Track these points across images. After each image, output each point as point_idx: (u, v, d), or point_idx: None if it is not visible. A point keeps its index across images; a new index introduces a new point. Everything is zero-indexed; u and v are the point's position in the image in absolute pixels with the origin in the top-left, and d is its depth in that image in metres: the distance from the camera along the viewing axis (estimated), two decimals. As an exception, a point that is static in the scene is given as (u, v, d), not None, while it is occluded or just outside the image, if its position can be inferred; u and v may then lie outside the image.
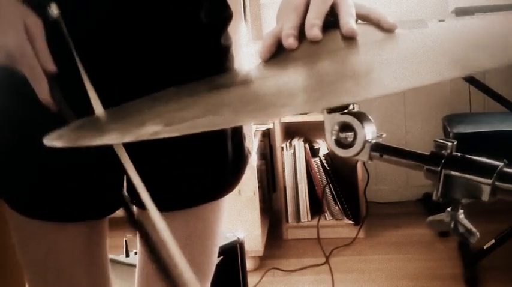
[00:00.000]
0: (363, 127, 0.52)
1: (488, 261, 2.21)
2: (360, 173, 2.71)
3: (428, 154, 0.50)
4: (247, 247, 1.85)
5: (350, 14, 0.57)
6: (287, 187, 2.70)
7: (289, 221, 2.72)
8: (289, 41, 0.56)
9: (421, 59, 0.42)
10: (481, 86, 2.45)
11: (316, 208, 2.73)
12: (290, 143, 2.71)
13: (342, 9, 0.58)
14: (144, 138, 0.37)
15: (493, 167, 0.46)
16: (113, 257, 1.49)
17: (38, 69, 0.61)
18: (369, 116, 0.52)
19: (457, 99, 2.93)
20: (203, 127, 0.38)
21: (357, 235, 2.66)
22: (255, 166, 2.43)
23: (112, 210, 0.85)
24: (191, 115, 0.42)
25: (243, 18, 2.39)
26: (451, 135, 2.33)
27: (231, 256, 1.65)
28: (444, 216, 0.49)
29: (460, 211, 0.48)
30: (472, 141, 2.26)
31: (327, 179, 2.68)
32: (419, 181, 3.02)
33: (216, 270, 0.95)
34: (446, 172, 0.48)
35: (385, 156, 0.52)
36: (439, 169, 0.48)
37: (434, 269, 2.32)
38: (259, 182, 2.56)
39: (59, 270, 0.84)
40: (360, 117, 0.52)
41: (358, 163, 2.67)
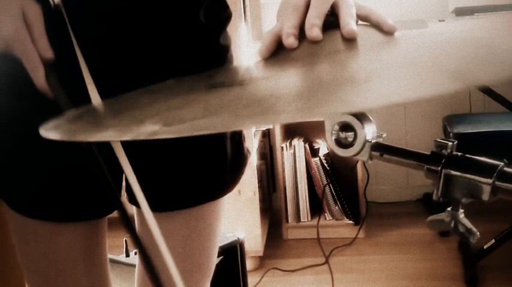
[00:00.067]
0: (363, 127, 0.52)
1: (488, 261, 2.21)
2: (360, 173, 2.71)
3: (429, 153, 0.50)
4: (247, 247, 1.85)
5: (351, 14, 0.57)
6: (287, 187, 2.70)
7: (289, 221, 2.72)
8: (290, 40, 0.56)
9: (422, 69, 0.42)
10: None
11: (316, 208, 2.73)
12: (290, 143, 2.71)
13: (343, 9, 0.58)
14: (142, 138, 0.37)
15: (493, 167, 0.46)
16: (112, 257, 1.49)
17: (34, 56, 0.61)
18: (369, 115, 0.52)
19: (457, 99, 2.93)
20: (202, 130, 0.38)
21: (357, 235, 2.66)
22: (255, 166, 2.43)
23: (111, 210, 0.85)
24: (190, 115, 0.41)
25: (243, 18, 2.38)
26: (451, 135, 2.33)
27: (231, 256, 1.65)
28: (444, 216, 0.49)
29: (460, 210, 0.48)
30: (472, 141, 2.26)
31: (327, 179, 2.68)
32: (419, 181, 3.02)
33: (216, 270, 0.95)
34: (447, 172, 0.48)
35: (385, 156, 0.52)
36: (439, 168, 0.48)
37: (434, 269, 2.32)
38: (259, 182, 2.56)
39: (58, 270, 0.84)
40: (360, 117, 0.52)
41: (358, 163, 2.67)
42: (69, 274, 0.84)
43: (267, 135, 2.95)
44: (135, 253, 1.50)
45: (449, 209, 0.49)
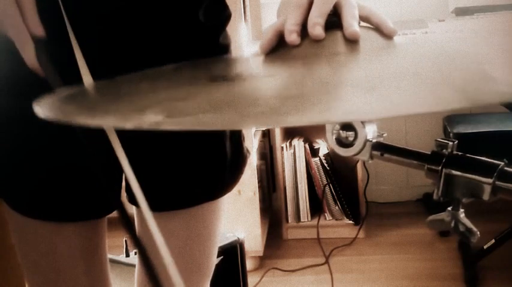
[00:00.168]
0: (363, 126, 0.52)
1: (488, 261, 2.21)
2: (360, 173, 2.71)
3: (429, 153, 0.50)
4: (247, 247, 1.85)
5: (353, 15, 0.57)
6: (287, 187, 2.70)
7: (289, 221, 2.72)
8: (292, 37, 0.56)
9: (427, 82, 0.41)
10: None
11: (316, 208, 2.73)
12: (290, 143, 2.70)
13: (346, 10, 0.57)
14: (144, 127, 0.36)
15: (494, 167, 0.46)
16: (112, 257, 1.49)
17: (24, 33, 0.60)
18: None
19: (457, 99, 2.93)
20: (207, 125, 0.37)
21: (357, 235, 2.66)
22: (255, 166, 2.43)
23: (111, 210, 0.85)
24: (194, 109, 0.40)
25: (243, 18, 2.38)
26: (451, 135, 2.33)
27: (231, 256, 1.65)
28: (445, 215, 0.49)
29: (461, 210, 0.48)
30: (472, 141, 2.26)
31: (327, 179, 2.68)
32: (419, 181, 3.02)
33: (216, 270, 0.95)
34: (447, 171, 0.48)
35: (386, 155, 0.52)
36: (439, 168, 0.48)
37: (434, 269, 2.32)
38: (259, 182, 2.56)
39: (58, 270, 0.84)
40: (361, 116, 0.52)
41: (358, 162, 2.67)
42: (69, 274, 0.84)
43: (267, 135, 2.95)
44: (135, 253, 1.50)
45: (450, 208, 0.49)
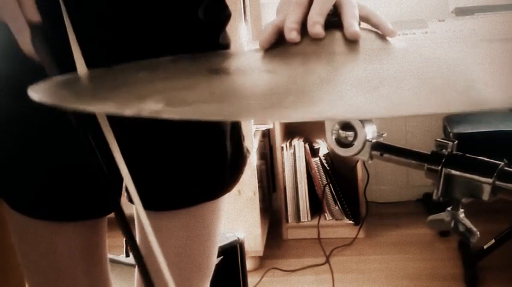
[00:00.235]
0: (363, 126, 0.52)
1: (488, 261, 2.21)
2: (360, 173, 2.70)
3: (429, 153, 0.50)
4: (247, 247, 1.85)
5: (354, 15, 0.57)
6: (287, 187, 2.70)
7: (289, 221, 2.72)
8: (292, 35, 0.56)
9: (425, 84, 0.41)
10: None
11: (316, 208, 2.73)
12: (290, 143, 2.70)
13: (346, 10, 0.57)
14: (144, 115, 0.36)
15: (494, 167, 0.46)
16: (112, 257, 1.49)
17: (20, 19, 0.60)
18: (369, 115, 0.52)
19: (457, 99, 2.93)
20: (209, 115, 0.37)
21: (357, 235, 2.66)
22: (255, 166, 2.43)
23: (110, 209, 0.85)
24: (195, 99, 0.40)
25: (243, 18, 2.38)
26: (451, 135, 2.33)
27: (231, 256, 1.65)
28: (444, 215, 0.49)
29: (461, 210, 0.48)
30: (472, 141, 2.26)
31: (327, 179, 2.68)
32: (419, 181, 3.02)
33: (216, 270, 0.95)
34: (447, 171, 0.48)
35: (385, 155, 0.52)
36: (439, 168, 0.48)
37: (434, 269, 2.32)
38: (259, 182, 2.56)
39: (58, 270, 0.84)
40: (360, 116, 0.52)
41: (358, 162, 2.67)
42: (69, 273, 0.85)
43: (267, 136, 2.95)
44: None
45: (450, 208, 0.49)
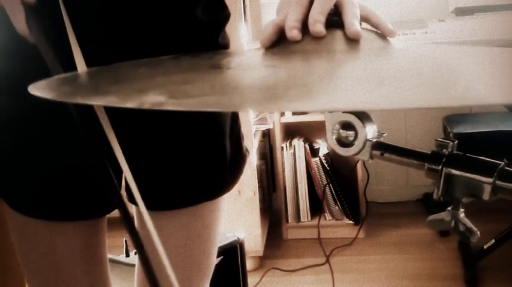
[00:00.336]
0: (364, 126, 0.52)
1: (488, 261, 2.21)
2: (360, 173, 2.71)
3: (430, 153, 0.50)
4: (247, 247, 1.85)
5: (355, 15, 0.57)
6: (287, 187, 2.70)
7: (289, 221, 2.72)
8: (293, 33, 0.56)
9: (425, 83, 0.41)
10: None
11: (316, 208, 2.73)
12: (290, 143, 2.70)
13: (347, 9, 0.57)
14: (146, 107, 0.36)
15: (494, 166, 0.46)
16: (112, 257, 1.49)
17: (15, 1, 0.60)
18: (370, 115, 0.52)
19: (457, 99, 2.93)
20: (210, 107, 0.37)
21: (357, 235, 2.66)
22: (255, 166, 2.43)
23: (110, 209, 0.85)
24: (197, 91, 0.40)
25: (243, 18, 2.38)
26: (451, 135, 2.34)
27: (231, 256, 1.65)
28: (445, 215, 0.49)
29: (461, 210, 0.48)
30: (472, 141, 2.26)
31: (327, 179, 2.68)
32: (419, 181, 3.02)
33: (216, 270, 0.95)
34: (447, 171, 0.48)
35: (386, 155, 0.52)
36: (440, 167, 0.48)
37: (434, 269, 2.32)
38: (259, 182, 2.56)
39: (58, 270, 0.84)
40: (361, 116, 0.52)
41: (358, 162, 2.67)
42: (69, 273, 0.84)
43: (267, 136, 2.95)
44: (135, 253, 1.50)
45: (450, 208, 0.49)
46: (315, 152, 2.72)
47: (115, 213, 0.84)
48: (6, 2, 0.60)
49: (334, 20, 0.56)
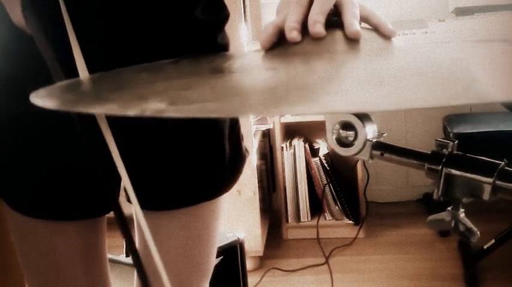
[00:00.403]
0: (364, 126, 0.52)
1: (488, 261, 2.21)
2: (360, 173, 2.71)
3: (430, 153, 0.50)
4: (247, 247, 1.85)
5: (355, 15, 0.57)
6: (287, 187, 2.70)
7: (289, 221, 2.72)
8: (293, 34, 0.56)
9: (426, 83, 0.41)
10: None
11: (316, 208, 2.73)
12: (290, 143, 2.71)
13: (347, 9, 0.57)
14: (147, 115, 0.36)
15: (494, 166, 0.46)
16: (112, 257, 1.49)
17: None
18: (370, 115, 0.52)
19: (457, 99, 2.93)
20: (211, 113, 0.37)
21: (357, 235, 2.66)
22: (255, 166, 2.43)
23: (110, 208, 0.85)
24: (198, 97, 0.40)
25: (243, 18, 2.38)
26: (451, 135, 2.34)
27: (231, 256, 1.65)
28: (445, 215, 0.49)
29: (461, 210, 0.48)
30: (472, 141, 2.26)
31: (327, 179, 2.68)
32: (419, 181, 3.02)
33: (216, 270, 0.95)
34: (447, 171, 0.48)
35: (386, 155, 0.52)
36: (440, 167, 0.48)
37: (434, 269, 2.32)
38: (259, 182, 2.56)
39: (58, 270, 0.84)
40: (361, 116, 0.52)
41: (358, 162, 2.67)
42: (68, 273, 0.84)
43: (267, 136, 2.95)
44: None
45: (450, 208, 0.49)
46: (315, 152, 2.72)
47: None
48: None
49: (334, 20, 0.56)
